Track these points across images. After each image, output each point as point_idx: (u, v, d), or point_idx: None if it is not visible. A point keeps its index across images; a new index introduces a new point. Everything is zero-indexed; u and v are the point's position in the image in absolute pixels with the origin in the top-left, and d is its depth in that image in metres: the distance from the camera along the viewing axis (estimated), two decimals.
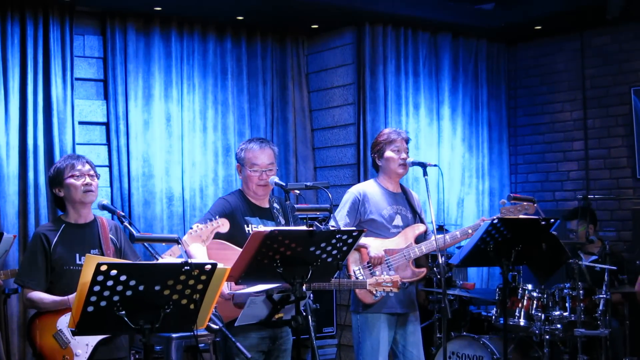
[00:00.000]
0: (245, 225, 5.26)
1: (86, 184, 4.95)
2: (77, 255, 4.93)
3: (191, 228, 5.00)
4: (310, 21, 8.75)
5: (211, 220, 5.03)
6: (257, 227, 5.22)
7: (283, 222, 5.38)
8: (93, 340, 4.76)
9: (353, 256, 5.92)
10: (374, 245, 5.90)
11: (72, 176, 4.94)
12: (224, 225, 5.00)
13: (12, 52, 7.37)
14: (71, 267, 4.90)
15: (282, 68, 9.05)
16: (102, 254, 4.93)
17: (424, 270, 6.08)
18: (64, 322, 4.81)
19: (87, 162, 5.05)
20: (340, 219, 5.88)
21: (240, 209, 5.31)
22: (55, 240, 4.93)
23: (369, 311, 5.93)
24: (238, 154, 5.44)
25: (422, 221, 6.18)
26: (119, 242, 5.14)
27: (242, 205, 5.35)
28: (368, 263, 5.89)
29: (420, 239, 6.10)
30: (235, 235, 5.13)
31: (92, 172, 5.02)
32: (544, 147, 9.65)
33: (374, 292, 5.66)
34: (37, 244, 4.94)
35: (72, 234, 4.98)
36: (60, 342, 4.80)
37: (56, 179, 5.01)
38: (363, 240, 5.84)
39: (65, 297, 4.78)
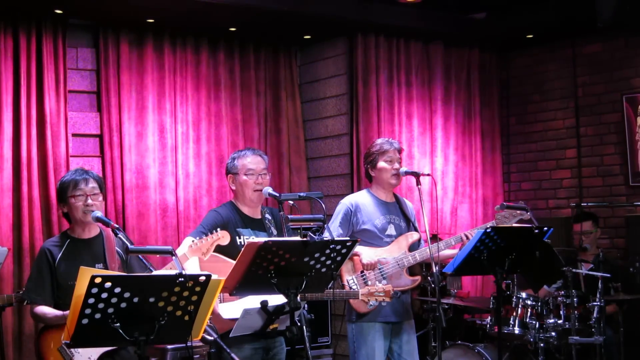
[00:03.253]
0: (237, 237, 5.27)
1: (87, 205, 4.98)
2: None
3: (193, 241, 4.99)
4: (302, 32, 8.78)
5: (212, 232, 5.03)
6: (249, 238, 5.23)
7: (275, 232, 5.39)
8: (96, 353, 4.76)
9: (346, 266, 5.93)
10: (366, 252, 5.91)
11: (73, 196, 4.97)
12: (224, 238, 5.00)
13: (5, 64, 7.37)
14: (76, 283, 4.91)
15: (275, 79, 9.06)
16: (107, 268, 4.95)
17: (418, 278, 6.09)
18: None
19: (93, 178, 5.07)
20: (333, 230, 5.88)
21: (232, 221, 5.33)
22: (59, 255, 4.97)
23: (364, 320, 5.93)
24: (230, 163, 5.46)
25: (416, 230, 6.19)
26: (127, 256, 5.15)
27: (234, 216, 5.36)
28: (362, 272, 5.90)
29: (414, 247, 6.11)
30: (227, 248, 5.14)
31: (95, 191, 5.04)
32: (537, 155, 9.67)
33: (367, 301, 5.66)
34: (42, 260, 5.01)
35: (76, 249, 5.02)
36: (64, 355, 4.81)
37: (60, 196, 5.08)
38: (356, 248, 5.84)
39: (65, 312, 4.79)
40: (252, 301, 4.81)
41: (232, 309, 4.98)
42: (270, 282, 4.35)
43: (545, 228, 5.59)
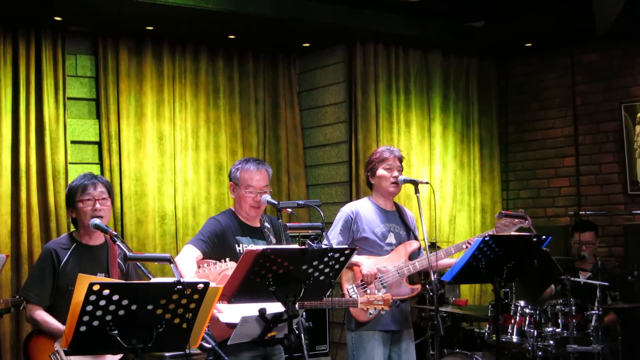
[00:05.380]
0: (236, 245, 5.26)
1: (95, 209, 4.94)
2: None
3: (200, 267, 4.94)
4: (301, 40, 8.79)
5: (220, 261, 5.00)
6: (248, 246, 5.21)
7: (274, 241, 5.37)
8: None
9: (346, 275, 5.91)
10: (366, 263, 5.89)
11: (81, 201, 4.93)
12: (232, 269, 4.98)
13: (4, 71, 7.40)
14: (74, 290, 4.88)
15: (274, 86, 9.07)
16: (108, 277, 4.91)
17: (418, 286, 6.08)
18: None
19: (102, 182, 5.02)
20: (333, 238, 5.87)
21: (231, 229, 5.31)
22: (65, 258, 4.92)
23: (363, 329, 5.91)
24: (233, 172, 5.42)
25: (416, 238, 6.17)
26: (126, 267, 5.13)
27: (233, 224, 5.35)
28: (362, 281, 5.89)
29: (414, 255, 6.09)
30: (225, 255, 5.12)
31: (104, 195, 4.98)
32: (535, 163, 9.68)
33: (366, 309, 5.65)
34: (47, 260, 4.94)
35: (82, 255, 4.97)
36: None
37: (69, 201, 5.03)
38: (355, 258, 5.83)
39: None
40: (251, 309, 4.80)
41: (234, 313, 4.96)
42: (269, 290, 4.34)
43: (544, 236, 5.59)
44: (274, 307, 4.61)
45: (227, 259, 5.05)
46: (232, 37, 8.41)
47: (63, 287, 4.88)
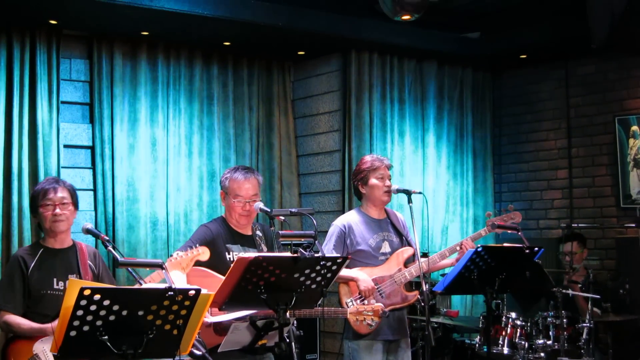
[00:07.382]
0: (227, 253, 5.25)
1: (55, 214, 4.95)
2: (55, 279, 4.94)
3: (171, 255, 4.99)
4: (296, 48, 8.79)
5: (191, 247, 5.03)
6: (238, 254, 5.21)
7: (265, 249, 5.36)
8: None
9: (343, 289, 5.90)
10: (362, 277, 5.86)
11: (42, 206, 4.96)
12: (204, 254, 5.00)
13: None
14: (48, 291, 4.90)
15: (268, 94, 9.06)
16: (80, 279, 4.92)
17: (415, 293, 6.05)
18: (40, 347, 4.79)
19: (65, 187, 5.04)
20: (327, 253, 5.83)
21: (221, 237, 5.30)
22: (32, 264, 4.94)
23: (362, 338, 5.89)
24: (222, 181, 5.43)
25: (409, 244, 6.15)
26: (97, 269, 5.14)
27: (224, 232, 5.34)
28: (359, 294, 5.86)
29: (409, 262, 6.08)
30: (216, 263, 5.12)
31: (65, 201, 5.01)
32: (529, 175, 9.69)
33: (356, 320, 5.62)
34: (14, 267, 4.97)
35: (50, 259, 4.99)
36: None
37: (32, 205, 5.09)
38: (350, 272, 5.82)
39: (44, 325, 4.76)
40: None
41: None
42: (260, 298, 4.33)
43: (536, 248, 5.59)
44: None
45: (198, 244, 5.05)
46: (227, 43, 8.41)
47: (35, 291, 4.91)
